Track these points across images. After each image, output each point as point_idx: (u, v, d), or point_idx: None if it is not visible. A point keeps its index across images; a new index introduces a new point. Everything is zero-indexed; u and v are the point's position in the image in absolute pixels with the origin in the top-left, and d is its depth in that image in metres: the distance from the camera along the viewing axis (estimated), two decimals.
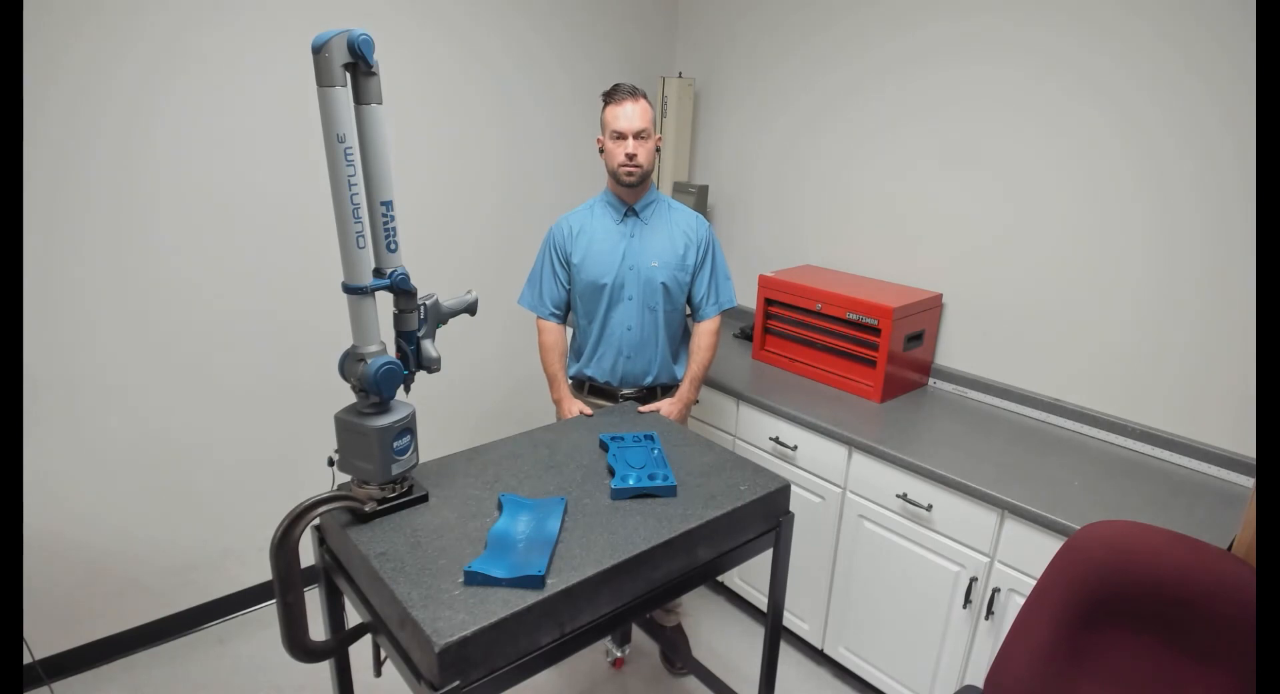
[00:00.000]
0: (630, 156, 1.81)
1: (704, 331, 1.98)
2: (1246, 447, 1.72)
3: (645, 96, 1.82)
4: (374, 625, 1.19)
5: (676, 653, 2.19)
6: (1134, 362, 1.88)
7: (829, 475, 2.02)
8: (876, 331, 2.10)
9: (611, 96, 1.82)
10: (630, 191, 1.89)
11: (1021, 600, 1.57)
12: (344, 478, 1.33)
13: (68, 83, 1.78)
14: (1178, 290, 1.78)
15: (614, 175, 1.87)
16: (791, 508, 1.51)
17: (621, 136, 1.81)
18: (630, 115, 1.79)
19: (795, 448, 2.10)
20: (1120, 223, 1.85)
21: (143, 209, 1.95)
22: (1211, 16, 1.64)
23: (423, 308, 1.34)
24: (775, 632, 1.58)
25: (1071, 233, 1.94)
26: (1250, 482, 1.70)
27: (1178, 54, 1.70)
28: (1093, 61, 1.83)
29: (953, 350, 2.26)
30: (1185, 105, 1.70)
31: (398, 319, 1.32)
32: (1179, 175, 1.74)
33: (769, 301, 2.39)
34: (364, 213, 1.19)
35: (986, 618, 1.72)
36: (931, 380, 2.31)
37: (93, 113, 1.83)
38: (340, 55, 1.10)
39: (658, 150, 1.91)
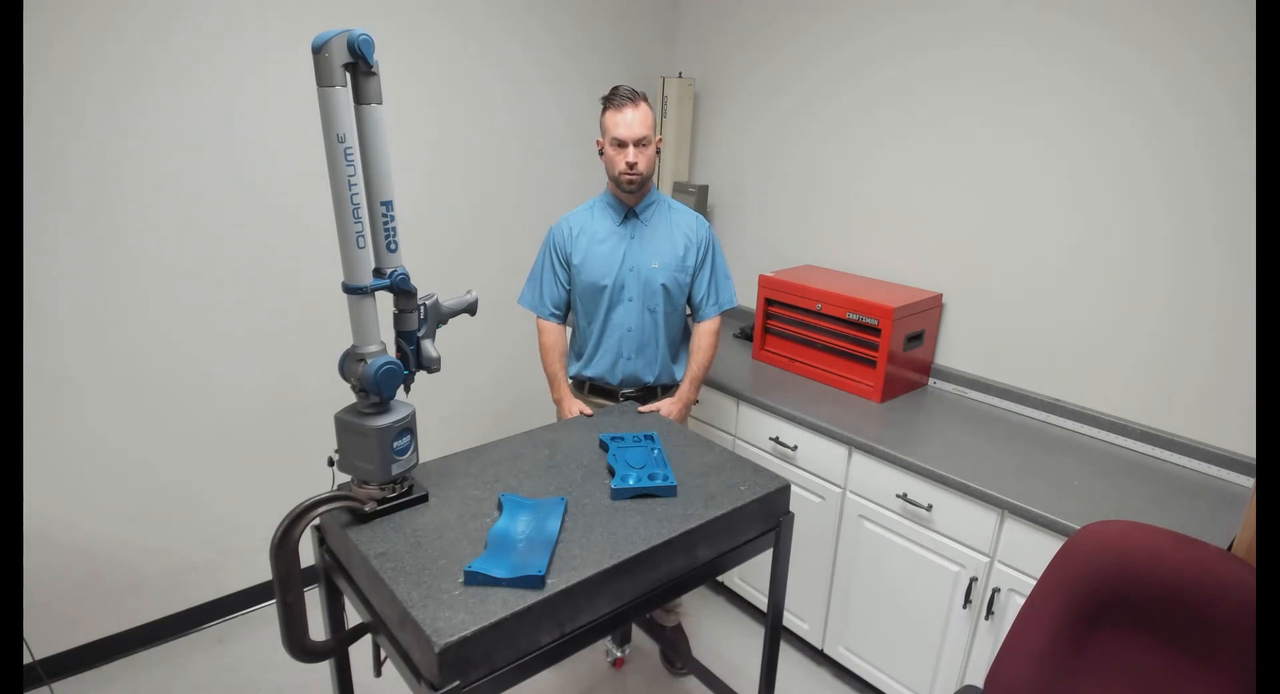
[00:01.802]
0: (631, 165, 1.79)
1: (704, 332, 1.98)
2: (1246, 446, 1.72)
3: (645, 100, 1.80)
4: (374, 625, 1.19)
5: (676, 653, 2.19)
6: (1134, 361, 1.88)
7: (829, 475, 2.02)
8: (876, 332, 2.10)
9: (611, 101, 1.79)
10: (631, 195, 1.89)
11: (1021, 600, 1.57)
12: (344, 478, 1.33)
13: (50, 80, 1.76)
14: (1179, 290, 1.78)
15: (614, 181, 1.86)
16: (791, 508, 1.51)
17: (622, 145, 1.79)
18: (630, 122, 1.76)
19: (795, 448, 2.10)
20: (1120, 222, 1.85)
21: (139, 208, 1.95)
22: (1232, 16, 1.63)
23: (422, 308, 1.34)
24: (775, 632, 1.58)
25: (1071, 233, 1.94)
26: (1250, 482, 1.70)
27: (1189, 50, 1.70)
28: (1090, 69, 1.83)
29: (953, 350, 2.26)
30: (1199, 103, 1.70)
31: (398, 319, 1.32)
32: (1180, 175, 1.74)
33: (769, 301, 2.39)
34: (364, 213, 1.19)
35: (986, 618, 1.72)
36: (931, 380, 2.31)
37: (79, 109, 1.82)
38: (340, 55, 1.10)
39: (657, 152, 1.91)
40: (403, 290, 1.27)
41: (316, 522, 1.31)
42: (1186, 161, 1.72)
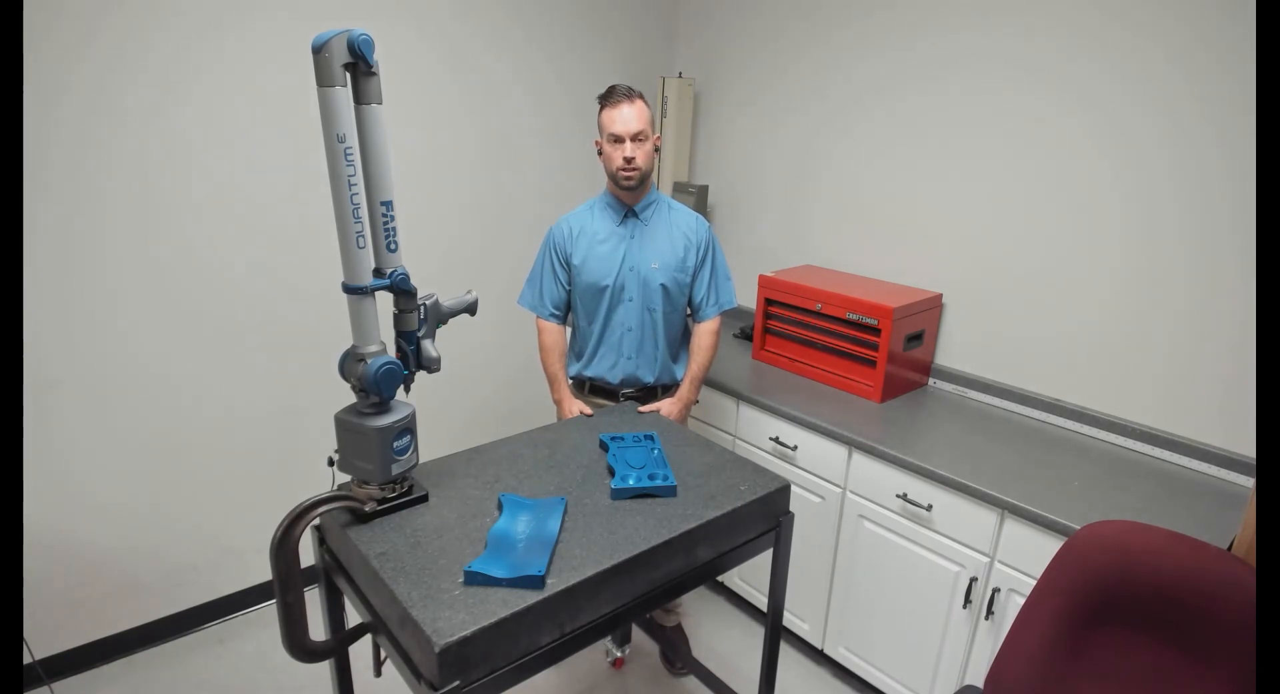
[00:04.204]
0: (628, 160, 1.80)
1: (704, 332, 1.98)
2: (1245, 446, 1.72)
3: (642, 97, 1.81)
4: (374, 625, 1.19)
5: (676, 653, 2.19)
6: (1134, 361, 1.88)
7: (829, 475, 2.02)
8: (876, 331, 2.10)
9: (607, 99, 1.80)
10: (630, 193, 1.89)
11: (1021, 600, 1.57)
12: (344, 478, 1.33)
13: (85, 78, 1.78)
14: (1178, 290, 1.78)
15: (613, 178, 1.86)
16: (791, 508, 1.51)
17: (619, 140, 1.80)
18: (627, 118, 1.77)
19: (795, 448, 2.10)
20: (1120, 223, 1.85)
21: (152, 210, 1.95)
22: (1194, 14, 1.65)
23: (423, 308, 1.34)
24: (775, 632, 1.58)
25: (1072, 233, 1.94)
26: (1250, 482, 1.70)
27: (1161, 55, 1.70)
28: (1085, 69, 1.83)
29: (953, 350, 2.26)
30: (1168, 104, 1.71)
31: (398, 319, 1.32)
32: (1180, 175, 1.74)
33: (769, 301, 2.39)
34: (364, 213, 1.19)
35: (986, 618, 1.72)
36: (931, 380, 2.31)
37: (111, 110, 1.83)
38: (340, 55, 1.10)
39: (657, 150, 1.91)
40: (403, 290, 1.28)
41: (316, 522, 1.31)
42: (1186, 161, 1.72)
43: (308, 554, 1.27)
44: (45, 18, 1.71)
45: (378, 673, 1.26)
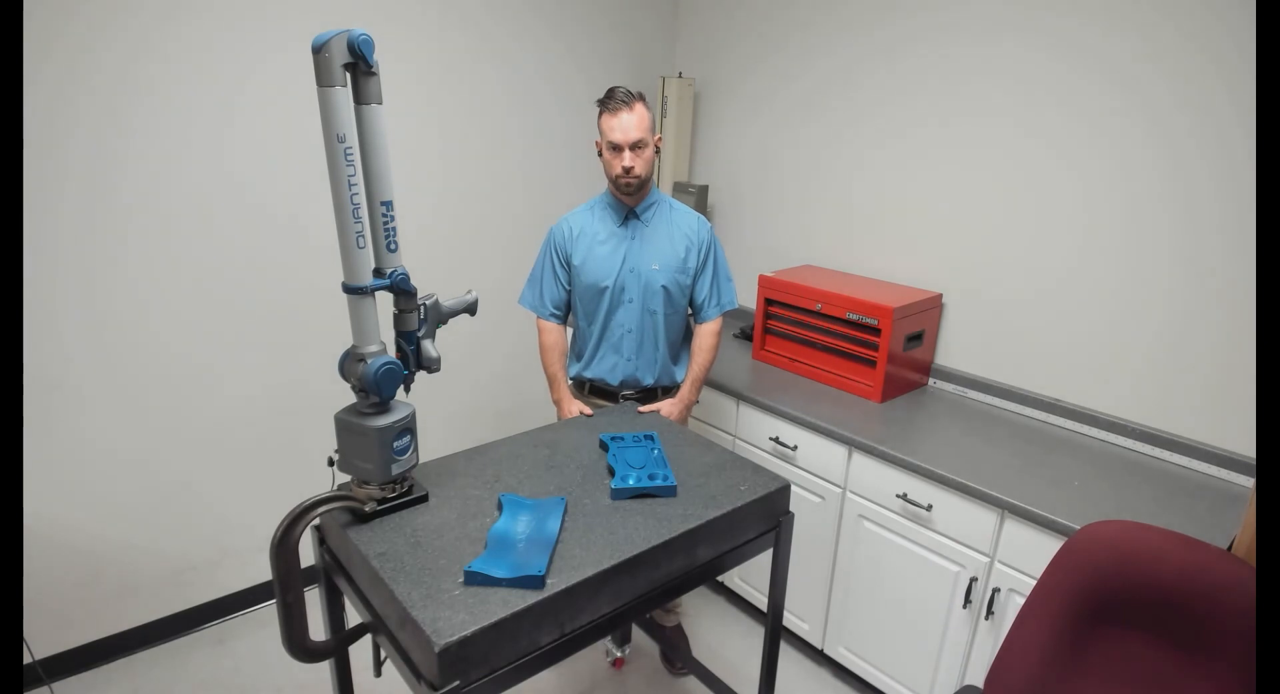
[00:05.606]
0: (627, 169, 1.79)
1: (705, 333, 1.98)
2: (1245, 446, 1.72)
3: (642, 100, 1.79)
4: (374, 625, 1.19)
5: (676, 653, 2.19)
6: (1134, 361, 1.88)
7: (829, 475, 2.02)
8: (876, 331, 2.10)
9: (606, 105, 1.77)
10: (631, 196, 1.89)
11: (1021, 600, 1.57)
12: (344, 478, 1.33)
13: (46, 82, 1.76)
14: (1179, 289, 1.78)
15: (613, 183, 1.86)
16: (791, 508, 1.51)
17: (617, 148, 1.78)
18: (626, 126, 1.75)
19: (795, 448, 2.10)
20: (1121, 222, 1.85)
21: (138, 209, 1.95)
22: (1231, 12, 1.63)
23: (423, 308, 1.34)
24: (775, 632, 1.58)
25: (1072, 232, 1.94)
26: (1250, 482, 1.70)
27: (1191, 48, 1.70)
28: (1096, 56, 1.83)
29: (953, 350, 2.26)
30: (1199, 100, 1.70)
31: (398, 319, 1.32)
32: (1180, 175, 1.74)
33: (769, 301, 2.39)
34: (364, 213, 1.19)
35: (986, 618, 1.72)
36: (931, 380, 2.31)
37: (76, 111, 1.81)
38: (340, 55, 1.10)
39: (657, 151, 1.90)
40: (403, 290, 1.28)
41: (316, 522, 1.31)
42: (1188, 161, 1.72)
43: (308, 554, 1.27)
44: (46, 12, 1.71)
45: (378, 673, 1.26)
